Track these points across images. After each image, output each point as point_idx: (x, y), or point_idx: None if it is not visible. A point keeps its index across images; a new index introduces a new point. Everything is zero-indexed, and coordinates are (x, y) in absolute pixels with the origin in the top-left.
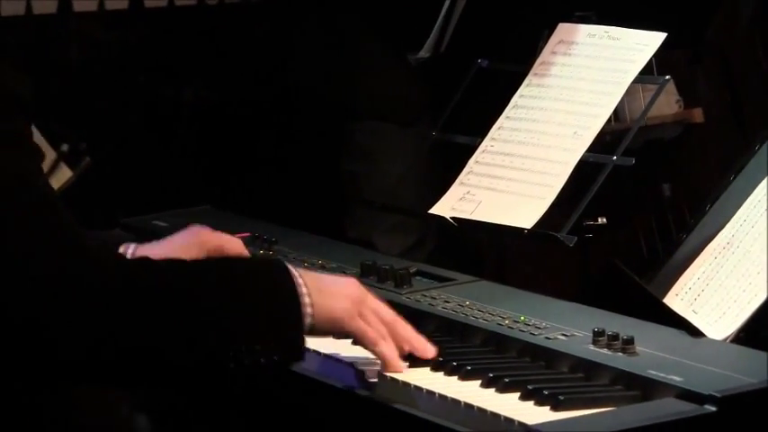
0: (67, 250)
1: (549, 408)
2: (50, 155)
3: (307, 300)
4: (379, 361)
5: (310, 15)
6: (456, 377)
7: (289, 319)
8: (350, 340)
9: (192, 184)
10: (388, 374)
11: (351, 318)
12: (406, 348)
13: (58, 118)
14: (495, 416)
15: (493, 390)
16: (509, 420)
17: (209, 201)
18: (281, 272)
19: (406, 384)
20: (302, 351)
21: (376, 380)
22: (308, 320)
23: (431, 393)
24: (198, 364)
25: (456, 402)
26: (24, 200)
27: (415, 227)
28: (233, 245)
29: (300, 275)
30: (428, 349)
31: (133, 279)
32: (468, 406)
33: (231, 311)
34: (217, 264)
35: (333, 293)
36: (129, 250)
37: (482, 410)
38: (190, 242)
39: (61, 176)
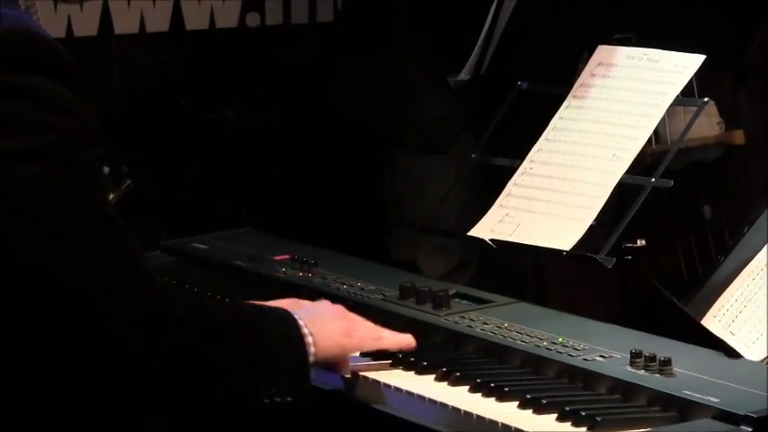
0: (134, 284)
1: (586, 429)
2: None
3: (309, 339)
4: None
5: (352, 38)
6: (494, 398)
7: (297, 365)
8: None
9: (232, 206)
10: (426, 396)
11: (347, 334)
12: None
13: (99, 140)
14: None
15: (530, 411)
16: None
17: (250, 223)
18: (290, 323)
19: (444, 405)
20: (309, 391)
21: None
22: (311, 359)
23: (468, 414)
24: (221, 403)
25: (494, 423)
26: (96, 231)
27: (457, 249)
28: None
29: (300, 318)
30: (410, 341)
31: (190, 322)
32: (506, 427)
33: (251, 361)
34: (239, 316)
35: (325, 322)
36: None
37: (519, 431)
38: None
39: None
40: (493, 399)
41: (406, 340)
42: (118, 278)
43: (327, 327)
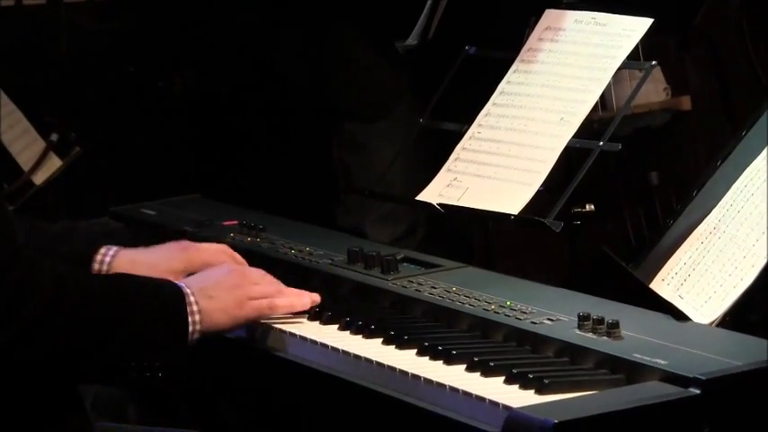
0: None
1: (533, 391)
2: (40, 144)
3: (195, 308)
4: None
5: (296, 5)
6: (441, 361)
7: (174, 339)
8: None
9: (181, 172)
10: (374, 359)
11: (240, 307)
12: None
13: (48, 108)
14: (481, 399)
15: (478, 373)
16: (494, 403)
17: (199, 189)
18: (176, 295)
19: (392, 368)
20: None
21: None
22: (198, 328)
23: (416, 377)
24: (89, 371)
25: (441, 386)
26: None
27: (405, 216)
28: (219, 257)
29: (192, 293)
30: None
31: (58, 296)
32: (454, 389)
33: (126, 333)
34: (118, 287)
35: (218, 295)
36: (110, 252)
37: (467, 394)
38: (175, 255)
39: (51, 166)
40: (440, 362)
41: (300, 303)
42: None
43: (221, 299)
